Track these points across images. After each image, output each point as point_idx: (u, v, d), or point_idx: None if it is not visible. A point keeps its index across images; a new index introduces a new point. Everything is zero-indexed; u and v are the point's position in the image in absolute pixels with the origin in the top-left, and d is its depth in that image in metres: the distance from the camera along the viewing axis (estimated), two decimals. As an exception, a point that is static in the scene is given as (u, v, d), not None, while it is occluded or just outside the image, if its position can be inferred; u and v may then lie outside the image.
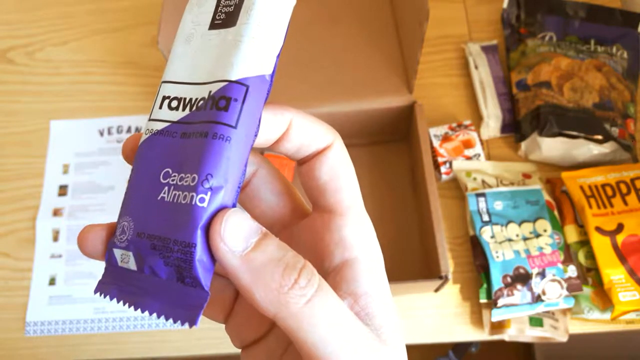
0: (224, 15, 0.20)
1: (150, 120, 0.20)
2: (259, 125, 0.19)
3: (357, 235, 0.21)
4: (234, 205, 0.19)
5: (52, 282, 0.70)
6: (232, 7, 0.20)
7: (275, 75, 0.67)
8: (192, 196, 0.18)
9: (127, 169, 0.76)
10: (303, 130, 0.21)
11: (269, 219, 0.23)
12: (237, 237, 0.18)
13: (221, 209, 0.18)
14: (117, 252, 0.20)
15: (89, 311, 0.69)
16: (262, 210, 0.23)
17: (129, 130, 0.78)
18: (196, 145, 0.18)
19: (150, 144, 0.20)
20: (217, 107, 0.19)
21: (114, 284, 0.20)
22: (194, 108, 0.19)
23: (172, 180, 0.19)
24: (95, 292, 0.20)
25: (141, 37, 0.84)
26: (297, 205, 0.23)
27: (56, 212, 0.74)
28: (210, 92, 0.19)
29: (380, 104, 0.63)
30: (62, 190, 0.75)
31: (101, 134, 0.78)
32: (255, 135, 0.19)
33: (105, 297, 0.20)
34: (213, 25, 0.20)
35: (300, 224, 0.23)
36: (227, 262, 0.18)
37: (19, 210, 0.75)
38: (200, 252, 0.18)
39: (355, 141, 0.71)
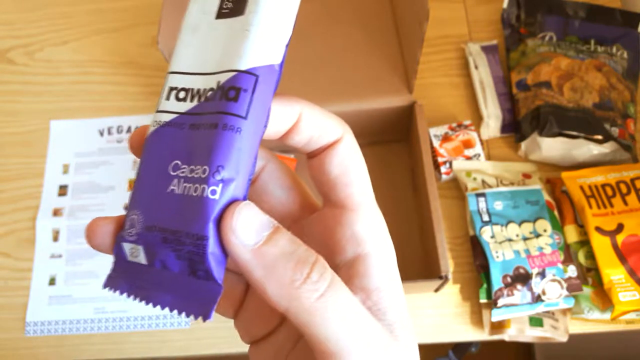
0: (231, 4, 0.20)
1: (157, 112, 0.20)
2: (268, 116, 0.19)
3: (369, 230, 0.21)
4: (244, 198, 0.19)
5: (52, 282, 0.70)
6: None
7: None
8: (204, 188, 0.18)
9: (128, 168, 0.76)
10: (313, 123, 0.20)
11: (279, 214, 0.23)
12: (248, 230, 0.17)
13: (233, 201, 0.18)
14: (127, 246, 0.19)
15: (89, 311, 0.69)
16: (271, 205, 0.23)
17: (129, 130, 0.78)
18: (206, 136, 0.18)
19: (158, 136, 0.20)
20: (227, 97, 0.18)
21: (123, 278, 0.20)
22: (203, 99, 0.19)
23: (182, 172, 0.18)
24: (104, 287, 0.20)
25: (141, 37, 0.84)
26: (307, 200, 0.23)
27: (56, 212, 0.74)
28: (219, 82, 0.19)
29: (380, 104, 0.63)
30: (62, 190, 0.75)
31: (101, 134, 0.78)
32: (265, 127, 0.19)
33: (114, 291, 0.20)
34: (220, 15, 0.20)
35: (311, 219, 0.23)
36: (239, 255, 0.17)
37: (19, 210, 0.75)
38: (212, 245, 0.18)
39: (355, 141, 0.71)
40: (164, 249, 0.18)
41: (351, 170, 0.21)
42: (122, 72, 0.82)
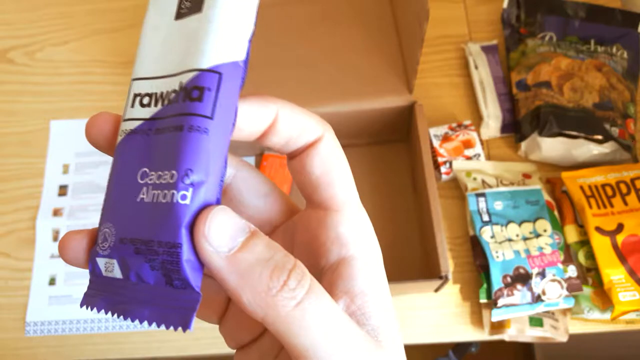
0: (189, 3, 0.19)
1: (124, 120, 0.20)
2: (236, 115, 0.18)
3: (354, 231, 0.20)
4: (218, 201, 0.18)
5: (52, 282, 0.70)
6: None
7: (275, 76, 0.67)
8: (173, 194, 0.17)
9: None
10: (291, 122, 0.20)
11: (257, 222, 0.22)
12: (222, 236, 0.17)
13: (205, 206, 0.17)
14: (101, 261, 0.19)
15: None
16: (249, 214, 0.22)
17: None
18: (171, 140, 0.17)
19: (125, 145, 0.19)
20: (190, 98, 0.18)
21: (100, 295, 0.19)
22: (166, 102, 0.18)
23: (150, 179, 0.18)
24: (82, 305, 0.19)
25: (141, 37, 0.83)
26: (286, 204, 0.22)
27: (56, 212, 0.74)
28: (181, 83, 0.18)
29: (380, 104, 0.63)
30: (62, 190, 0.75)
31: (101, 134, 0.78)
32: (233, 126, 0.18)
33: (92, 309, 0.19)
34: (179, 15, 0.19)
35: (293, 221, 0.22)
36: (213, 263, 0.17)
37: (19, 210, 0.75)
38: (187, 252, 0.17)
39: (355, 141, 0.71)
40: (138, 261, 0.18)
41: (333, 169, 0.20)
42: (122, 72, 0.82)
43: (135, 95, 0.19)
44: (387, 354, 0.18)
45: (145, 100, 0.19)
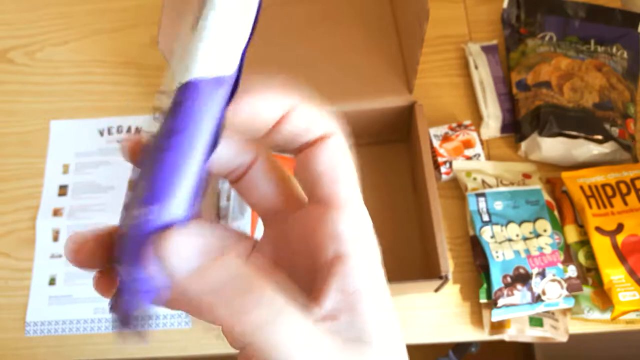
0: (197, 15, 0.19)
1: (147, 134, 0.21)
2: (218, 128, 0.19)
3: (354, 229, 0.20)
4: (189, 217, 0.18)
5: (52, 282, 0.70)
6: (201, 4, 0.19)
7: (275, 76, 0.67)
8: (140, 216, 0.17)
9: (127, 169, 0.76)
10: (300, 118, 0.20)
11: (264, 208, 0.23)
12: (185, 257, 0.17)
13: (171, 225, 0.17)
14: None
15: (89, 311, 0.69)
16: (258, 199, 0.22)
17: (129, 130, 0.78)
18: (150, 161, 0.18)
19: (139, 162, 0.20)
20: (169, 114, 0.18)
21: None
22: (164, 118, 0.19)
23: (133, 202, 0.18)
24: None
25: (141, 37, 0.83)
26: (294, 196, 0.23)
27: (56, 212, 0.74)
28: (170, 98, 0.19)
29: (380, 104, 0.63)
30: (62, 190, 0.75)
31: (101, 134, 0.78)
32: (215, 139, 0.19)
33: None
34: (192, 27, 0.20)
35: (294, 216, 0.22)
36: (177, 284, 0.17)
37: (19, 210, 0.75)
38: (149, 275, 0.17)
39: (355, 141, 0.71)
40: (123, 282, 0.18)
41: (339, 166, 0.20)
42: (122, 72, 0.82)
43: (154, 109, 0.20)
44: (375, 354, 0.18)
45: (157, 115, 0.20)
